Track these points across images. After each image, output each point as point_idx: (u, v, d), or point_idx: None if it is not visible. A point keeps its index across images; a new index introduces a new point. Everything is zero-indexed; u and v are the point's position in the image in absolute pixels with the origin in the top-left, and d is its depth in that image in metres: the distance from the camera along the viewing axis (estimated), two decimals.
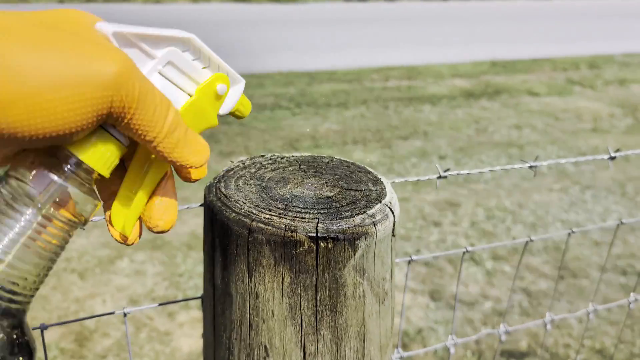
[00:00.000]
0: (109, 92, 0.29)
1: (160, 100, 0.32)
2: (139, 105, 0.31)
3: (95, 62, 0.29)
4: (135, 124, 0.31)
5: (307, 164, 0.55)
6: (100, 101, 0.29)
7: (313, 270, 0.44)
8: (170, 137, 0.33)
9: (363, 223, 0.45)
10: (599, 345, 2.00)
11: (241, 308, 0.46)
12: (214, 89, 0.37)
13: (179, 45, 0.36)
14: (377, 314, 0.48)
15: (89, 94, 0.29)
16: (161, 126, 0.32)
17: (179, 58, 0.36)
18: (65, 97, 0.28)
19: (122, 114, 0.31)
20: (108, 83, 0.29)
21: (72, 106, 0.28)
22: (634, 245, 2.63)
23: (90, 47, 0.30)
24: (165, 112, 0.33)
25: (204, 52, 0.37)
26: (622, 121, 4.59)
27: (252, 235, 0.44)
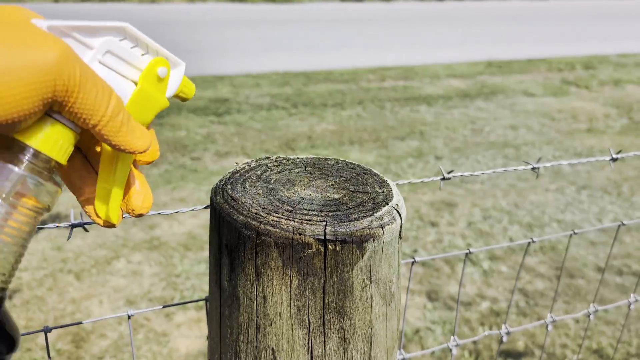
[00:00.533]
0: (51, 77, 0.31)
1: (101, 85, 0.34)
2: (80, 89, 0.32)
3: (36, 48, 0.31)
4: (79, 108, 0.33)
5: (312, 166, 0.55)
6: (44, 85, 0.31)
7: (321, 273, 0.44)
8: (113, 121, 0.34)
9: (371, 225, 0.45)
10: (596, 345, 2.01)
11: (249, 310, 0.46)
12: (155, 72, 0.39)
13: (115, 35, 0.37)
14: (384, 316, 0.48)
15: (31, 79, 0.30)
16: (104, 110, 0.34)
17: (117, 46, 0.37)
18: (8, 83, 0.29)
19: (66, 98, 0.32)
20: (50, 67, 0.31)
21: (16, 91, 0.30)
22: (630, 245, 2.64)
23: (29, 35, 0.31)
24: (107, 97, 0.34)
25: (141, 39, 0.38)
26: (617, 121, 4.61)
27: (261, 238, 0.44)
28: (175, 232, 2.64)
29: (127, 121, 0.36)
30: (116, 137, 0.35)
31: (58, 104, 0.32)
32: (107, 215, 0.40)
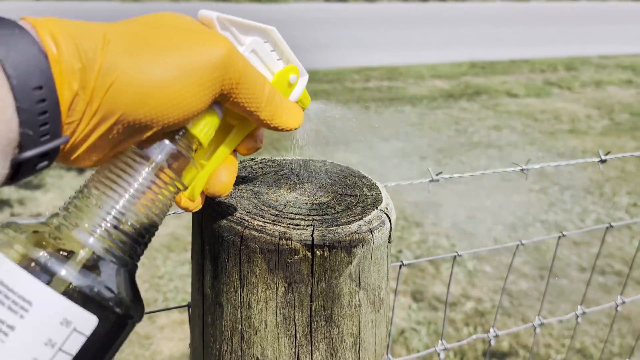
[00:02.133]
0: (220, 72, 0.33)
1: (258, 74, 0.36)
2: (243, 80, 0.35)
3: (205, 48, 0.33)
4: (242, 97, 0.35)
5: (299, 167, 0.53)
6: (215, 82, 0.33)
7: (308, 280, 0.42)
8: (270, 106, 0.37)
9: (360, 230, 0.43)
10: (579, 344, 2.02)
11: (232, 319, 0.45)
12: (287, 78, 0.41)
13: (261, 36, 0.40)
14: (372, 323, 0.47)
15: (206, 77, 0.33)
16: (262, 96, 0.36)
17: (261, 47, 0.40)
18: (188, 85, 0.32)
19: (232, 90, 0.35)
20: (219, 64, 0.33)
21: (194, 90, 0.32)
22: (612, 245, 2.66)
23: (196, 36, 0.34)
24: (263, 83, 0.37)
25: (279, 45, 0.41)
26: (599, 122, 4.66)
27: (245, 244, 0.42)
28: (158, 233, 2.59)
29: (281, 102, 0.38)
30: (274, 119, 0.38)
31: (222, 97, 0.35)
32: (191, 192, 0.40)
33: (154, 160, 0.34)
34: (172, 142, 0.35)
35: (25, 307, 0.28)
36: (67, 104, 0.29)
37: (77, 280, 0.30)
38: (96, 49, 0.30)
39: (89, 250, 0.31)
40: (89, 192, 0.33)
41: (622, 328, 2.11)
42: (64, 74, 0.29)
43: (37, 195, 2.96)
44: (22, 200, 2.89)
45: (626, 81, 6.01)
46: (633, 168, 3.62)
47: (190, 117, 0.33)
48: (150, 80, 0.31)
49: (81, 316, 0.30)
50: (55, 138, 0.29)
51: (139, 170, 0.33)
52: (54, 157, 0.30)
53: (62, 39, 0.29)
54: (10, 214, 2.74)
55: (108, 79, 0.30)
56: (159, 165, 0.34)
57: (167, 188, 0.35)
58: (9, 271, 0.29)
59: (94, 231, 0.32)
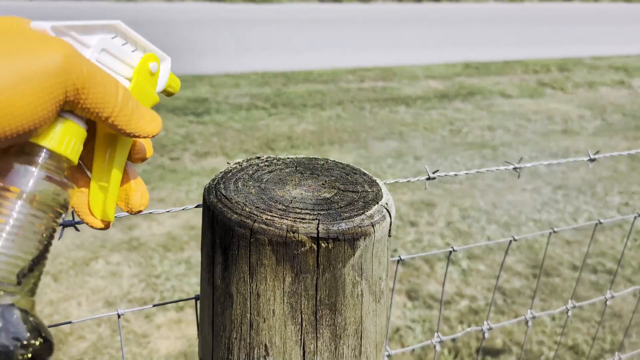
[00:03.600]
0: (61, 78, 0.31)
1: (107, 77, 0.34)
2: (90, 84, 0.33)
3: (41, 53, 0.31)
4: (91, 103, 0.33)
5: (303, 165, 0.56)
6: (55, 88, 0.31)
7: (314, 270, 0.45)
8: (124, 110, 0.35)
9: (362, 224, 0.46)
10: (571, 341, 2.05)
11: (242, 308, 0.47)
12: (147, 68, 0.40)
13: (108, 32, 0.38)
14: (373, 312, 0.49)
15: (43, 84, 0.30)
16: (115, 101, 0.34)
17: (111, 44, 0.38)
18: (22, 92, 0.30)
19: (77, 96, 0.33)
20: (58, 69, 0.31)
21: (31, 99, 0.30)
22: (604, 244, 2.70)
23: (33, 41, 0.31)
24: (115, 87, 0.35)
25: (130, 36, 0.39)
26: (591, 123, 4.71)
27: (255, 236, 0.45)
28: (154, 233, 2.62)
29: (137, 107, 0.36)
30: (129, 125, 0.36)
31: (69, 104, 0.33)
32: (104, 214, 0.39)
33: (24, 192, 0.32)
34: (37, 166, 0.33)
35: None
36: None
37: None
38: None
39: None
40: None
41: (614, 325, 2.14)
42: None
43: None
44: None
45: (618, 82, 6.06)
46: (625, 168, 3.67)
47: (32, 127, 0.31)
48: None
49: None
50: None
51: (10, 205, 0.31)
52: None
53: None
54: None
55: None
56: (30, 196, 0.32)
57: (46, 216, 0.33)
58: None
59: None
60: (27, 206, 0.32)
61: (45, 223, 0.33)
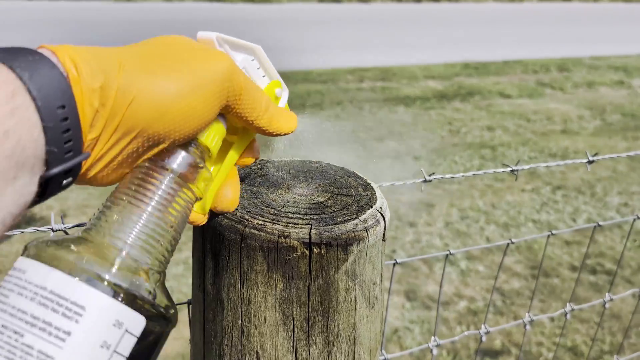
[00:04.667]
0: (226, 85, 0.36)
1: (256, 86, 0.40)
2: (245, 92, 0.38)
3: (210, 63, 0.36)
4: (243, 107, 0.39)
5: (296, 168, 0.55)
6: (222, 93, 0.36)
7: (306, 276, 0.44)
8: (267, 114, 0.41)
9: (355, 229, 0.45)
10: (571, 343, 2.05)
11: (233, 314, 0.46)
12: (273, 92, 0.45)
13: (249, 53, 0.43)
14: (367, 318, 0.49)
15: (214, 90, 0.36)
16: (260, 107, 0.40)
17: (250, 65, 0.43)
18: (199, 97, 0.35)
19: (235, 101, 0.38)
20: (224, 77, 0.36)
21: (205, 103, 0.35)
22: (603, 245, 2.69)
23: (201, 53, 0.37)
24: (260, 94, 0.40)
25: (264, 63, 0.44)
26: (591, 123, 4.70)
27: (245, 242, 0.44)
28: None
29: (276, 110, 0.42)
30: (270, 125, 0.41)
31: (226, 108, 0.38)
32: (202, 208, 0.42)
33: (173, 169, 0.36)
34: (186, 152, 0.37)
35: (79, 312, 0.30)
36: (88, 121, 0.31)
37: (123, 283, 0.32)
38: (112, 69, 0.32)
39: (128, 255, 0.33)
40: (116, 204, 0.35)
41: (613, 326, 2.14)
42: (84, 93, 0.31)
43: None
44: None
45: (618, 82, 6.06)
46: (624, 168, 3.66)
47: (202, 127, 0.36)
48: (166, 96, 0.33)
49: (131, 317, 0.32)
50: (77, 154, 0.31)
51: (160, 179, 0.36)
52: (77, 173, 0.32)
53: (81, 61, 0.31)
54: None
55: (127, 96, 0.32)
56: (177, 173, 0.36)
57: (186, 195, 0.37)
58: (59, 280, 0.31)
59: (128, 239, 0.34)
60: (173, 183, 0.36)
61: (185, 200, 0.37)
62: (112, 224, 0.34)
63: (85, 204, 2.89)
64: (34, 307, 0.30)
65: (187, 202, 0.37)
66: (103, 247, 0.33)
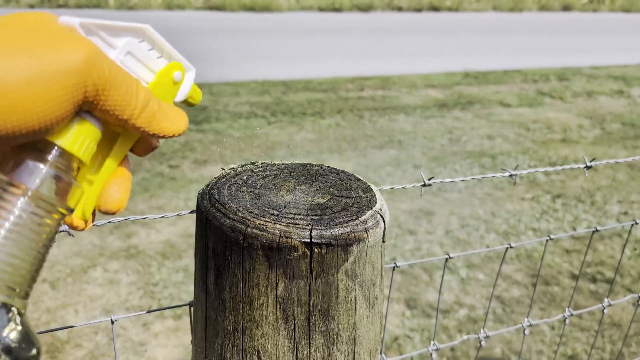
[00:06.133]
0: (81, 78, 0.30)
1: (129, 79, 0.34)
2: (111, 86, 0.32)
3: (63, 51, 0.30)
4: (111, 104, 0.32)
5: (297, 171, 0.56)
6: (75, 88, 0.30)
7: (307, 276, 0.45)
8: (145, 112, 0.34)
9: (355, 229, 0.45)
10: (571, 351, 2.04)
11: (234, 314, 0.47)
12: (171, 76, 0.39)
13: (136, 36, 0.37)
14: (367, 318, 0.49)
15: (63, 83, 0.30)
16: (135, 102, 0.34)
17: (137, 48, 0.37)
18: (42, 90, 0.29)
19: (97, 97, 0.32)
20: (79, 69, 0.30)
21: (50, 97, 0.29)
22: (603, 253, 2.69)
23: (56, 38, 0.31)
24: (135, 88, 0.34)
25: (158, 42, 0.38)
26: (591, 132, 4.71)
27: (247, 241, 0.44)
28: (152, 241, 2.62)
29: (159, 107, 0.36)
30: (151, 126, 0.35)
31: (88, 104, 0.32)
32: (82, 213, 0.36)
33: (29, 189, 0.31)
34: (46, 164, 0.32)
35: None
36: None
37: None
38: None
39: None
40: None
41: (614, 335, 2.14)
42: None
43: None
44: None
45: (617, 91, 6.08)
46: (624, 177, 3.67)
47: (48, 124, 0.30)
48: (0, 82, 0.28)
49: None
50: None
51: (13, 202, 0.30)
52: None
53: None
54: None
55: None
56: (36, 194, 0.31)
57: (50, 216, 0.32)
58: None
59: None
60: (31, 204, 0.31)
61: (47, 223, 0.31)
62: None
63: None
64: None
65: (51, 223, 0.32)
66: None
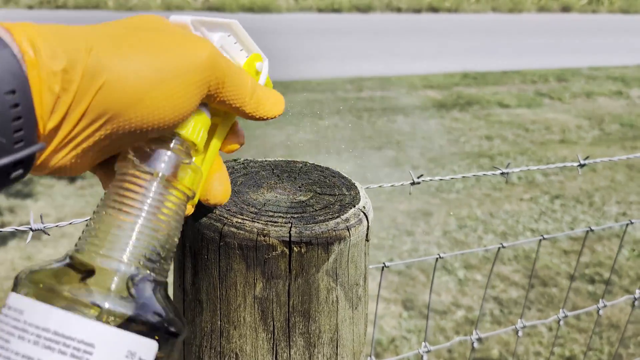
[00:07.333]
0: (207, 73, 0.34)
1: (239, 70, 0.37)
2: (227, 79, 0.35)
3: (190, 50, 0.33)
4: (228, 95, 0.36)
5: (280, 168, 0.54)
6: (203, 82, 0.34)
7: (286, 276, 0.43)
8: (253, 98, 0.38)
9: (337, 227, 0.44)
10: (569, 352, 2.03)
11: (212, 315, 0.45)
12: (254, 66, 0.41)
13: (225, 30, 0.40)
14: (350, 319, 0.48)
15: (194, 78, 0.33)
16: (245, 91, 0.37)
17: (227, 42, 0.40)
18: (174, 87, 0.32)
19: (217, 89, 0.35)
20: (205, 65, 0.33)
21: (182, 93, 0.32)
22: (602, 254, 2.68)
23: (179, 38, 0.34)
24: (245, 78, 0.37)
25: (240, 36, 0.41)
26: (589, 133, 4.70)
27: (224, 240, 0.43)
28: None
29: (263, 93, 0.39)
30: (258, 110, 0.38)
31: (208, 97, 0.35)
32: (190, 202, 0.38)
33: (160, 173, 0.34)
34: (172, 150, 0.34)
35: (88, 351, 0.28)
36: (48, 108, 0.28)
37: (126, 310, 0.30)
38: (78, 50, 0.29)
39: (124, 277, 0.31)
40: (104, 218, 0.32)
41: (611, 336, 2.12)
42: (43, 77, 0.28)
43: (27, 204, 2.96)
44: (12, 209, 2.89)
45: (616, 92, 6.07)
46: (623, 178, 3.65)
47: (181, 118, 0.33)
48: (141, 81, 0.31)
49: (143, 344, 0.30)
50: (30, 145, 0.28)
51: (146, 185, 0.33)
52: (29, 166, 0.29)
53: (41, 42, 0.28)
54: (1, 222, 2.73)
55: (96, 80, 0.29)
56: (165, 177, 0.34)
57: (177, 198, 0.34)
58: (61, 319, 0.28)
59: (122, 257, 0.31)
60: (163, 188, 0.34)
61: (177, 203, 0.34)
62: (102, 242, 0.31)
63: (82, 212, 2.88)
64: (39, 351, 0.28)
65: (178, 205, 0.35)
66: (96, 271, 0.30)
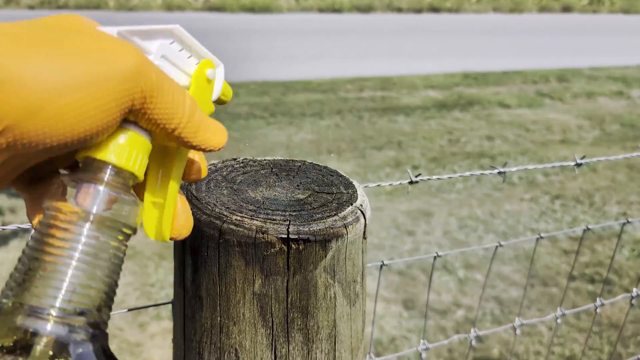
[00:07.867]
0: (130, 84, 0.29)
1: (175, 86, 0.32)
2: (158, 93, 0.30)
3: (113, 56, 0.29)
4: (158, 113, 0.30)
5: (279, 167, 0.55)
6: (123, 94, 0.29)
7: (284, 272, 0.44)
8: (191, 121, 0.32)
9: (334, 225, 0.45)
10: (569, 352, 2.03)
11: (212, 311, 0.46)
12: (204, 75, 0.37)
13: (166, 37, 0.35)
14: (348, 316, 0.48)
15: (112, 88, 0.28)
16: (182, 111, 0.31)
17: (169, 50, 0.35)
18: (90, 95, 0.27)
19: (144, 104, 0.30)
20: (129, 75, 0.29)
21: (99, 103, 0.28)
22: (602, 254, 2.68)
23: (104, 43, 0.29)
24: (182, 96, 0.32)
25: (186, 42, 0.37)
26: (590, 133, 4.71)
27: (223, 237, 0.44)
28: (150, 241, 2.61)
29: (203, 118, 0.33)
30: (195, 137, 0.33)
31: (135, 113, 0.30)
32: (158, 234, 0.36)
33: (91, 213, 0.29)
34: (103, 184, 0.30)
35: None
36: None
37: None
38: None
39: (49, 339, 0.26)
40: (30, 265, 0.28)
41: (611, 335, 2.13)
42: None
43: None
44: (13, 209, 2.90)
45: (617, 92, 6.07)
46: (623, 178, 3.66)
47: (94, 134, 0.28)
48: (43, 87, 0.26)
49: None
50: None
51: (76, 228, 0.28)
52: None
53: None
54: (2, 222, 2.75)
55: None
56: (98, 216, 0.29)
57: (115, 239, 0.30)
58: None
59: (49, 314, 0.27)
60: (95, 229, 0.29)
61: (114, 246, 0.30)
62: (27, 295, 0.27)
63: None
64: None
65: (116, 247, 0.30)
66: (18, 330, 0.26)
